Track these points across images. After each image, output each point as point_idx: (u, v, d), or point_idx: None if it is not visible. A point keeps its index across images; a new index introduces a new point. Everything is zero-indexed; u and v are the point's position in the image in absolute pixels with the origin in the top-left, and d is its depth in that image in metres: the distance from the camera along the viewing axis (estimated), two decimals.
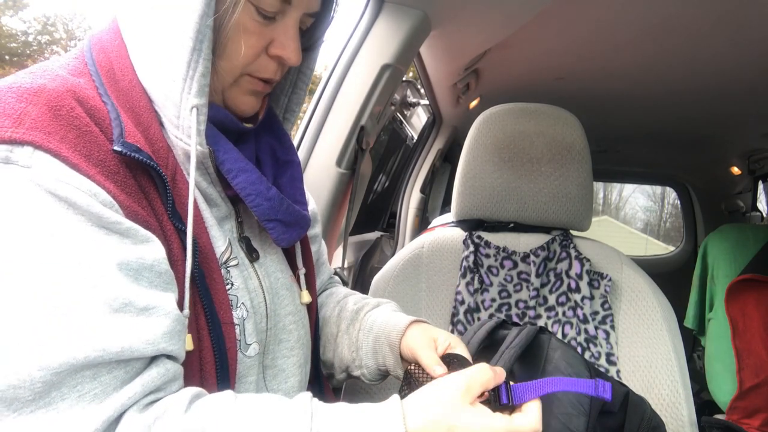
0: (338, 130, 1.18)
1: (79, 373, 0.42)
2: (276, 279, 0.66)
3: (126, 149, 0.48)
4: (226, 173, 0.57)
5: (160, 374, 0.47)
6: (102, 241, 0.45)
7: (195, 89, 0.52)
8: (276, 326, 0.65)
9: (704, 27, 1.30)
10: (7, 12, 9.59)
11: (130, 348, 0.44)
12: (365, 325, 0.75)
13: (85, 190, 0.45)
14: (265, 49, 0.58)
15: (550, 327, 1.09)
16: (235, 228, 0.63)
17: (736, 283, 1.60)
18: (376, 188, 2.30)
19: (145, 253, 0.47)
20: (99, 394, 0.43)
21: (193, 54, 0.51)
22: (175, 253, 0.52)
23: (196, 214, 0.56)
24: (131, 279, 0.46)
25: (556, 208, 1.14)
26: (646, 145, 2.89)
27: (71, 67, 0.54)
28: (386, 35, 1.18)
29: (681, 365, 1.03)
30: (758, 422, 1.54)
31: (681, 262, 3.54)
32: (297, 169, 0.68)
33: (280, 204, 0.60)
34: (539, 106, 1.17)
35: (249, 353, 0.59)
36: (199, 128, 0.53)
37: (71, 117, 0.47)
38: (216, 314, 0.54)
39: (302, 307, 0.70)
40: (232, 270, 0.59)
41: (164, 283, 0.49)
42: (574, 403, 0.63)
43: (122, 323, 0.44)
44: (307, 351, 0.71)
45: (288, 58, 0.58)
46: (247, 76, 0.59)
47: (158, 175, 0.51)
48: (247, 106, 0.61)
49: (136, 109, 0.54)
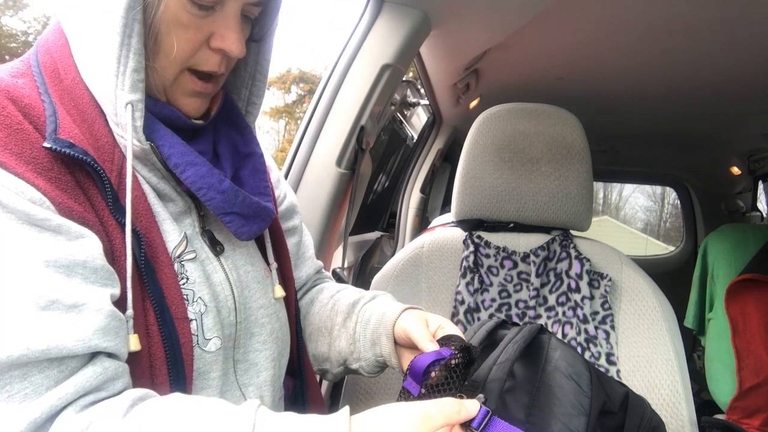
0: (338, 130, 1.18)
1: (6, 373, 0.42)
2: (246, 272, 0.65)
3: (57, 145, 0.48)
4: (174, 168, 0.55)
5: (97, 373, 0.46)
6: (29, 238, 0.44)
7: (128, 85, 0.52)
8: (247, 320, 0.64)
9: (704, 27, 1.30)
10: (7, 12, 9.58)
11: (57, 346, 0.43)
12: (362, 318, 0.73)
13: (12, 187, 0.44)
14: (207, 43, 0.56)
15: (550, 327, 1.09)
16: (197, 222, 0.62)
17: (736, 283, 1.60)
18: (376, 188, 2.30)
19: (77, 250, 0.46)
20: (30, 394, 0.42)
21: (122, 49, 0.51)
22: (117, 248, 0.51)
23: (146, 209, 0.55)
24: (61, 276, 0.45)
25: (556, 208, 1.14)
26: (646, 145, 2.90)
27: (14, 69, 0.55)
28: (386, 35, 1.18)
29: (681, 365, 1.03)
30: (758, 422, 1.54)
31: (681, 262, 3.55)
32: (259, 161, 0.66)
33: (234, 196, 0.58)
34: (539, 106, 1.17)
35: (209, 348, 0.57)
36: (135, 124, 0.53)
37: (2, 116, 0.47)
38: (167, 310, 0.53)
39: (276, 300, 0.69)
40: (187, 264, 0.58)
41: (101, 279, 0.48)
42: (574, 403, 0.63)
43: (49, 321, 0.43)
44: (283, 345, 0.70)
45: (230, 51, 0.56)
46: (187, 73, 0.57)
47: (94, 170, 0.51)
48: (189, 108, 0.59)
49: (80, 105, 0.54)
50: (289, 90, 18.96)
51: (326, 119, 1.19)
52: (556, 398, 0.64)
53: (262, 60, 0.66)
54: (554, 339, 0.71)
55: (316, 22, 30.88)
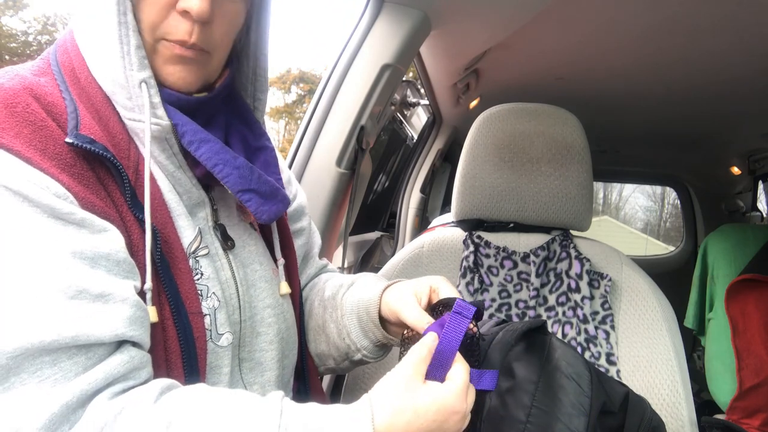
0: (338, 130, 1.18)
1: (38, 359, 0.43)
2: (253, 270, 0.65)
3: (79, 141, 0.49)
4: (188, 146, 0.56)
5: (124, 361, 0.47)
6: (56, 231, 0.46)
7: (136, 64, 0.52)
8: (252, 318, 0.64)
9: (704, 27, 1.30)
10: (7, 12, 9.60)
11: (86, 333, 0.45)
12: (346, 309, 0.73)
13: (37, 182, 0.46)
14: (174, 7, 0.54)
15: (550, 327, 1.09)
16: (210, 216, 0.62)
17: (736, 283, 1.60)
18: (376, 188, 2.30)
19: (100, 243, 0.48)
20: (60, 379, 0.44)
21: (121, 28, 0.52)
22: (135, 243, 0.52)
23: (161, 204, 0.56)
24: (87, 267, 0.46)
25: (556, 208, 1.14)
26: (646, 145, 2.90)
27: (36, 67, 0.56)
28: (386, 35, 1.18)
29: (681, 365, 1.03)
30: (758, 422, 1.54)
31: (681, 262, 3.54)
32: (271, 155, 0.66)
33: (251, 172, 0.59)
34: (539, 106, 1.17)
35: (221, 343, 0.58)
36: (153, 101, 0.53)
37: (27, 113, 0.48)
38: (182, 304, 0.54)
39: (283, 300, 0.69)
40: (201, 260, 0.58)
41: (123, 271, 0.49)
42: (574, 403, 0.63)
43: (77, 309, 0.45)
44: (289, 346, 0.70)
45: (190, 7, 0.52)
46: (164, 42, 0.55)
47: (114, 166, 0.52)
48: (174, 77, 0.56)
49: (96, 103, 0.55)
50: (289, 90, 18.97)
51: (326, 119, 1.19)
52: (556, 398, 0.64)
53: (261, 55, 0.66)
54: (554, 339, 0.71)
55: (316, 22, 30.88)
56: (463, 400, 0.52)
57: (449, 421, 0.51)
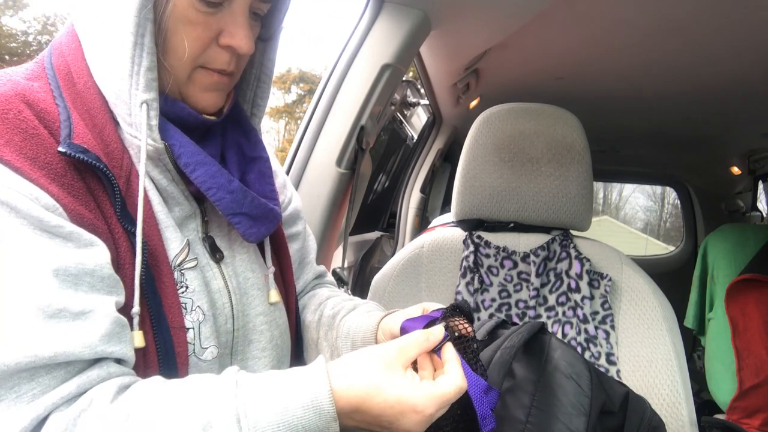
0: (338, 130, 1.18)
1: (15, 376, 0.43)
2: (245, 279, 0.65)
3: (71, 150, 0.48)
4: (184, 167, 0.56)
5: (101, 377, 0.47)
6: (41, 245, 0.45)
7: (142, 84, 0.52)
8: (245, 327, 0.64)
9: (704, 27, 1.30)
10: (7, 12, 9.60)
11: (64, 353, 0.44)
12: (342, 332, 0.73)
13: (27, 194, 0.45)
14: (216, 40, 0.56)
15: (550, 327, 1.09)
16: (200, 227, 0.62)
17: (736, 283, 1.60)
18: (376, 188, 2.30)
19: (86, 258, 0.47)
20: (37, 394, 0.43)
21: (136, 49, 0.51)
22: (122, 255, 0.52)
23: (148, 215, 0.55)
24: (69, 284, 0.46)
25: (556, 208, 1.14)
26: (646, 145, 2.90)
27: (29, 71, 0.55)
28: (386, 35, 1.18)
29: (681, 365, 1.03)
30: (758, 422, 1.54)
31: (681, 262, 3.54)
32: (265, 165, 0.66)
33: (243, 197, 0.59)
34: (539, 106, 1.17)
35: (205, 357, 0.58)
36: (150, 123, 0.53)
37: (18, 120, 0.47)
38: (164, 318, 0.54)
39: (274, 307, 0.69)
40: (187, 273, 0.58)
41: (107, 287, 0.49)
42: (574, 404, 0.63)
43: (56, 329, 0.44)
44: (282, 352, 0.70)
45: (238, 47, 0.56)
46: (201, 69, 0.57)
47: (105, 177, 0.51)
48: (207, 103, 0.59)
49: (92, 110, 0.54)
50: (289, 90, 18.95)
51: (326, 119, 1.19)
52: (556, 398, 0.64)
53: (267, 61, 0.66)
54: (554, 339, 0.71)
55: (316, 22, 30.86)
56: (432, 404, 0.49)
57: (407, 415, 0.48)
